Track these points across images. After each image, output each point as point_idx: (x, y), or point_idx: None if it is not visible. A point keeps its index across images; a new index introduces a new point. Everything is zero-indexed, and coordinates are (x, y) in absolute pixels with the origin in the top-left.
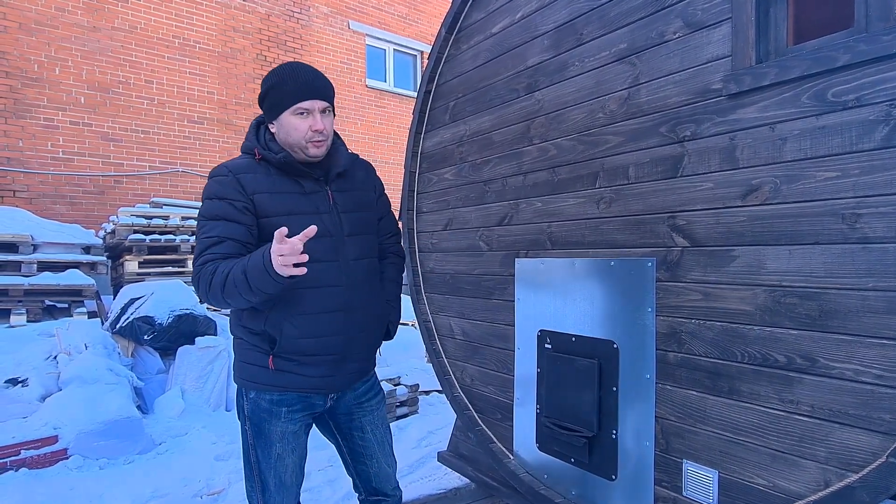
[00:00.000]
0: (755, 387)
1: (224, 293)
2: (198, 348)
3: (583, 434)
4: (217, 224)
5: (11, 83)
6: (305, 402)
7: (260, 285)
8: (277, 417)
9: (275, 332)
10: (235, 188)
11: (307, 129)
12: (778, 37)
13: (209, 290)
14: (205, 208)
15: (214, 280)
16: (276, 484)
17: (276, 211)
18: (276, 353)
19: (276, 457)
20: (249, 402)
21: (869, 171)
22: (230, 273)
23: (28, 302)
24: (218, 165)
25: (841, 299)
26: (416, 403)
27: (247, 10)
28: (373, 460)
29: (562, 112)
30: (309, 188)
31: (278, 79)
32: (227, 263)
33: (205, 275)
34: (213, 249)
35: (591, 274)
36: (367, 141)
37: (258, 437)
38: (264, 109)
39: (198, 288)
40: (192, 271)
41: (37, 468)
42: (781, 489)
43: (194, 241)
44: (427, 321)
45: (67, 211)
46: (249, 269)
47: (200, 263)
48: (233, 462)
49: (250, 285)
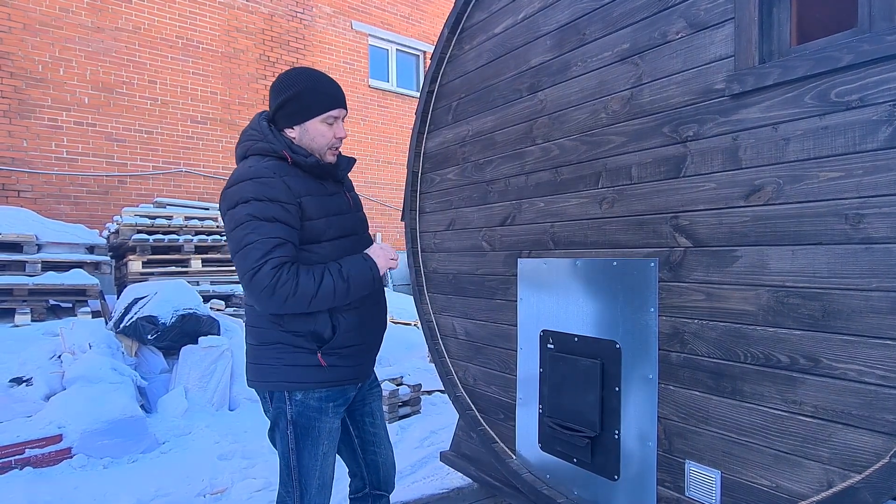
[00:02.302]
0: (758, 387)
1: (315, 299)
2: (201, 348)
3: (585, 434)
4: (275, 226)
5: (16, 83)
6: (345, 396)
7: (361, 291)
8: (326, 414)
9: (324, 329)
10: (285, 191)
11: (332, 137)
12: (781, 37)
13: (293, 296)
14: (256, 208)
15: (302, 286)
16: (318, 486)
17: (317, 213)
18: (324, 351)
19: (322, 455)
20: (296, 404)
21: (872, 172)
22: (323, 281)
23: (32, 301)
24: (254, 166)
25: (844, 300)
26: (419, 403)
27: (250, 10)
28: (381, 447)
29: (564, 112)
30: (331, 189)
31: (308, 85)
32: (308, 270)
33: (286, 280)
34: (278, 252)
35: (594, 274)
36: (370, 141)
37: (304, 438)
38: (286, 112)
39: (272, 292)
40: (252, 272)
41: (41, 467)
42: (784, 490)
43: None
44: (430, 321)
45: (71, 211)
46: (354, 277)
47: (273, 267)
48: (236, 461)
49: (350, 292)
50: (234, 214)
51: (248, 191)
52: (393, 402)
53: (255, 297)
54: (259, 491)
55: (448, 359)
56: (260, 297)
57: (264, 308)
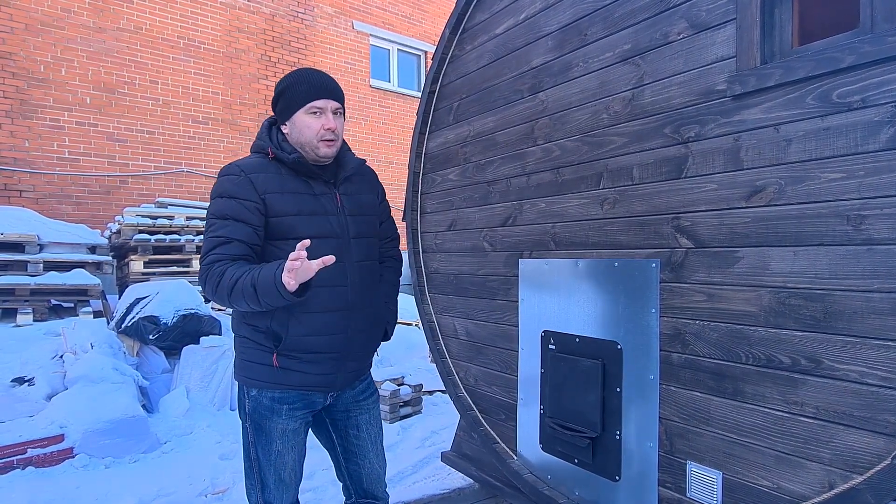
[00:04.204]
0: (759, 388)
1: (231, 297)
2: (202, 348)
3: (586, 435)
4: (226, 223)
5: (18, 84)
6: (306, 401)
7: (268, 299)
8: (279, 415)
9: (281, 329)
10: (247, 187)
11: (320, 128)
12: (783, 38)
13: (215, 292)
14: (215, 206)
15: (222, 284)
16: (276, 481)
17: (286, 210)
18: (280, 351)
19: (275, 454)
20: (251, 399)
21: (874, 173)
22: (239, 280)
23: (34, 301)
24: (229, 164)
25: (846, 301)
26: (420, 403)
27: (251, 10)
28: (365, 460)
29: (566, 113)
30: (318, 190)
31: (292, 80)
32: (235, 268)
33: (212, 276)
34: (219, 250)
35: (595, 275)
36: (371, 141)
37: (259, 434)
38: (278, 111)
39: (204, 287)
40: (199, 269)
41: (43, 467)
42: (786, 491)
43: (200, 241)
44: (431, 321)
45: (73, 211)
46: (259, 281)
47: (207, 263)
48: (237, 461)
49: (258, 297)
50: (208, 209)
51: (216, 188)
52: (394, 402)
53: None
54: None
55: (449, 359)
56: (202, 291)
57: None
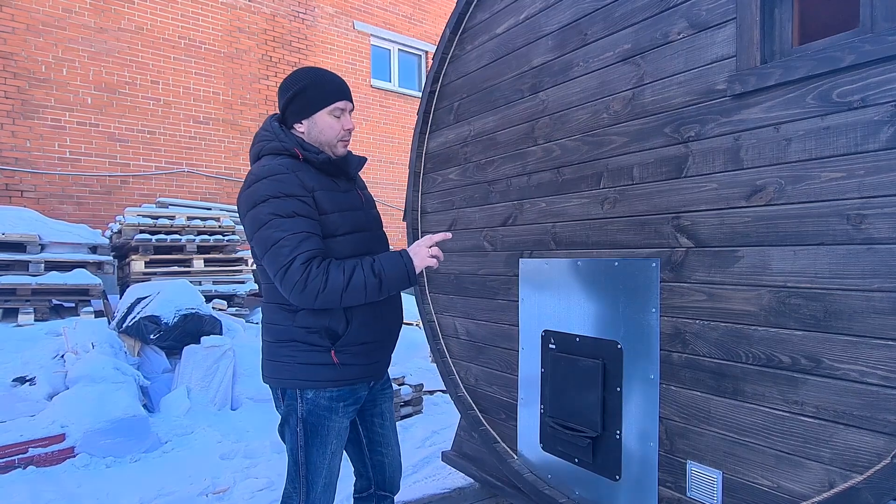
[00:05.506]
0: (760, 388)
1: (345, 294)
2: (203, 347)
3: (587, 434)
4: (296, 220)
5: (19, 84)
6: (356, 395)
7: (394, 287)
8: (336, 413)
9: (338, 325)
10: (300, 185)
11: (340, 129)
12: (783, 37)
13: (323, 290)
14: (273, 206)
15: (332, 283)
16: (324, 485)
17: (331, 208)
18: (337, 348)
19: (330, 454)
20: (307, 402)
21: (874, 172)
22: (354, 276)
23: (35, 301)
24: (264, 166)
25: (846, 300)
26: (421, 403)
27: (252, 10)
28: (389, 448)
29: (566, 112)
30: (344, 187)
31: (313, 79)
32: (339, 265)
33: (317, 274)
34: (306, 245)
35: (595, 274)
36: (372, 141)
37: (313, 436)
38: (294, 109)
39: (304, 288)
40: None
41: (44, 466)
42: (786, 490)
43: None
44: (431, 321)
45: (74, 211)
46: (387, 273)
47: (302, 262)
48: (238, 461)
49: (381, 289)
50: (256, 216)
51: (264, 190)
52: (395, 401)
53: (289, 294)
54: (261, 490)
55: (450, 359)
56: (293, 293)
57: (299, 304)
